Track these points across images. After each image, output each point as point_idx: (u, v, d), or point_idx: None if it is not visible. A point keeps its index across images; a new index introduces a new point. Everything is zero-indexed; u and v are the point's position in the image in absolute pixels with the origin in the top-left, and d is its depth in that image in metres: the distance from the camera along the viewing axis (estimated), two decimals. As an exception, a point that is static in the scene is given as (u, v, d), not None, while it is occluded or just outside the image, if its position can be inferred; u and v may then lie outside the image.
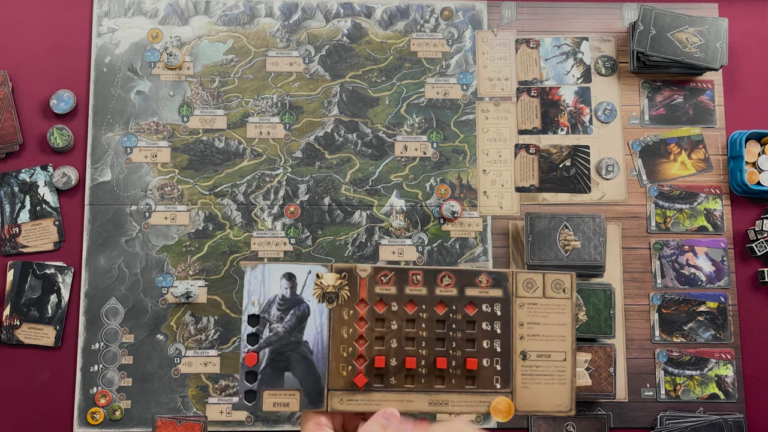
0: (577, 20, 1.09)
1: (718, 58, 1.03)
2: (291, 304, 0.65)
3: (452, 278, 0.67)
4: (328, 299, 0.65)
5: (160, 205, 1.04)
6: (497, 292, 0.67)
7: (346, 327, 0.65)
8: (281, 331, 0.65)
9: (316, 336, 0.65)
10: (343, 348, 0.65)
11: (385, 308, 0.66)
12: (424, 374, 0.66)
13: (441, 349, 0.66)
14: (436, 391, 0.66)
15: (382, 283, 0.66)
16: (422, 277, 0.66)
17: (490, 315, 0.67)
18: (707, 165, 1.07)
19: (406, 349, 0.66)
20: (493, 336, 0.66)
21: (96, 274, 1.02)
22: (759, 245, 1.03)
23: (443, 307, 0.66)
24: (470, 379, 0.66)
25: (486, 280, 0.67)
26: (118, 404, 1.00)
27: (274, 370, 0.64)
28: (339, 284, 0.66)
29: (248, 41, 1.07)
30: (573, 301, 0.67)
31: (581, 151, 1.07)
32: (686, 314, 1.03)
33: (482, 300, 0.66)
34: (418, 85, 1.07)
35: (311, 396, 0.64)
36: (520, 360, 0.67)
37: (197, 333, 1.01)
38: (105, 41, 1.06)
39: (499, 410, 0.65)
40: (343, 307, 0.65)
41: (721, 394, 1.02)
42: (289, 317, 0.65)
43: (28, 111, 1.05)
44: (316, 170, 1.05)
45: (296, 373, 0.64)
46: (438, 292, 0.66)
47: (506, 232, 1.05)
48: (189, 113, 1.06)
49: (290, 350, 0.65)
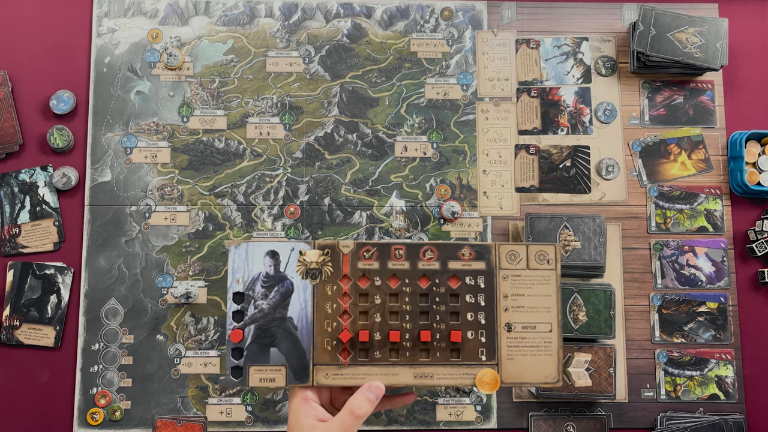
0: (577, 20, 1.09)
1: (718, 58, 1.03)
2: (275, 281, 0.66)
3: (435, 252, 0.67)
4: (312, 275, 0.66)
5: (160, 206, 1.03)
6: (480, 265, 0.67)
7: (330, 302, 0.66)
8: (266, 308, 0.66)
9: (301, 312, 0.66)
10: (328, 323, 0.66)
11: (369, 283, 0.66)
12: (409, 348, 0.66)
13: (425, 322, 0.66)
14: (421, 364, 0.66)
15: (365, 258, 0.66)
16: (405, 252, 0.67)
17: (474, 288, 0.67)
18: (707, 165, 1.07)
19: (390, 323, 0.66)
20: (477, 308, 0.67)
21: (96, 274, 1.02)
22: (759, 245, 1.03)
23: (426, 280, 0.67)
24: (455, 352, 0.66)
25: (469, 253, 0.67)
26: (118, 405, 1.00)
27: (259, 347, 0.65)
28: (322, 260, 0.66)
29: (248, 41, 1.07)
30: (557, 272, 0.67)
31: (581, 151, 1.07)
32: (686, 315, 1.03)
33: (465, 273, 0.67)
34: (418, 86, 1.07)
35: (297, 371, 0.65)
36: (505, 332, 0.67)
37: (197, 333, 1.01)
38: (105, 41, 1.06)
39: (485, 382, 0.66)
40: (327, 283, 0.66)
41: (721, 394, 1.02)
42: (273, 294, 0.66)
43: (28, 111, 1.05)
44: (316, 170, 1.05)
45: (282, 348, 0.65)
46: (421, 266, 0.67)
47: (506, 233, 1.05)
48: (189, 113, 1.06)
49: (275, 326, 0.66)
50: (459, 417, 1.00)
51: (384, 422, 1.00)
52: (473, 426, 1.01)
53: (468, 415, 1.01)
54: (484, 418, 1.01)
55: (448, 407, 1.01)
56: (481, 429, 1.01)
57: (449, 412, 1.01)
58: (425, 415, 1.00)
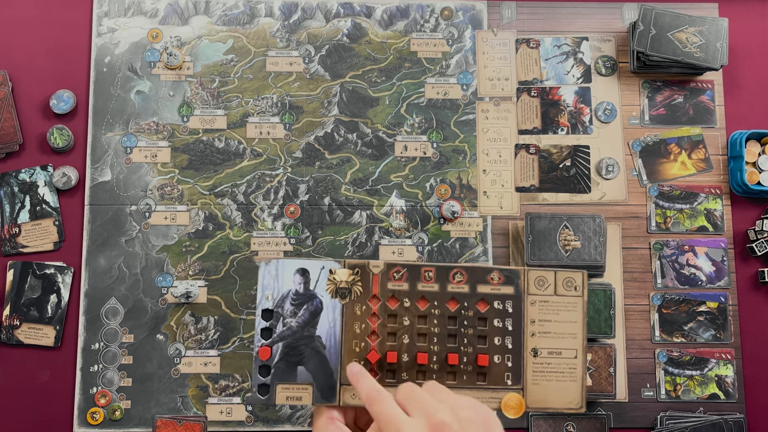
0: (577, 20, 1.09)
1: (718, 58, 1.03)
2: (304, 299, 0.66)
3: (464, 275, 0.67)
4: (341, 295, 0.66)
5: (160, 205, 1.03)
6: (509, 290, 0.67)
7: (359, 322, 0.66)
8: (294, 326, 0.65)
9: (329, 331, 0.65)
10: (356, 343, 0.65)
11: (398, 304, 0.66)
12: (436, 370, 0.66)
13: (452, 345, 0.66)
14: (448, 387, 0.66)
15: (395, 279, 0.66)
16: (434, 274, 0.66)
17: (502, 312, 0.67)
18: (707, 165, 1.07)
19: (418, 345, 0.66)
20: (504, 333, 0.67)
21: (96, 274, 1.02)
22: (759, 245, 1.03)
23: (455, 303, 0.67)
24: (481, 376, 0.66)
25: (498, 277, 0.67)
26: (118, 404, 1.00)
27: (287, 364, 0.65)
28: (352, 280, 0.66)
29: (248, 41, 1.07)
30: (584, 299, 0.68)
31: (581, 151, 1.07)
32: (686, 314, 1.03)
33: (494, 297, 0.67)
34: (418, 85, 1.07)
35: (324, 390, 0.64)
36: (531, 357, 0.67)
37: (197, 333, 1.01)
38: (105, 41, 1.06)
39: (510, 407, 0.66)
40: (356, 303, 0.66)
41: (721, 394, 1.02)
42: (302, 312, 0.65)
43: (28, 111, 1.05)
44: (316, 170, 1.05)
45: (309, 367, 0.65)
46: (450, 288, 0.67)
47: (506, 232, 1.05)
48: (189, 113, 1.06)
49: (303, 345, 0.65)
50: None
51: (384, 422, 1.00)
52: (473, 426, 1.00)
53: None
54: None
55: (448, 407, 1.01)
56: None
57: (449, 411, 1.01)
58: (425, 414, 1.00)
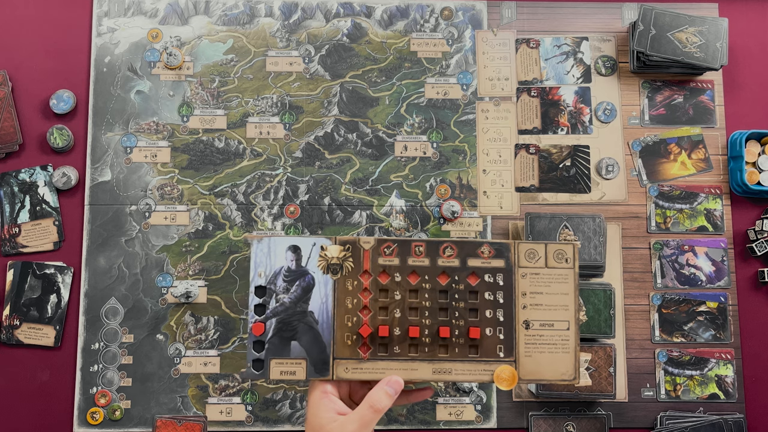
0: (577, 20, 1.09)
1: (718, 58, 1.03)
2: (296, 276, 0.67)
3: (454, 249, 0.67)
4: (333, 270, 0.67)
5: (160, 205, 1.04)
6: (499, 263, 0.68)
7: (351, 297, 0.66)
8: (287, 302, 0.66)
9: (322, 306, 0.66)
10: (348, 318, 0.66)
11: (389, 279, 0.67)
12: (428, 343, 0.67)
13: (444, 318, 0.67)
14: (440, 360, 0.67)
15: (386, 254, 0.67)
16: (425, 249, 0.67)
17: (493, 285, 0.67)
18: (707, 165, 1.07)
19: (410, 319, 0.67)
20: (495, 306, 0.67)
21: (96, 274, 1.02)
22: (759, 245, 1.03)
23: (446, 277, 0.67)
24: (473, 348, 0.67)
25: (488, 250, 0.67)
26: (118, 404, 1.00)
27: (280, 340, 0.66)
28: (343, 256, 0.67)
29: (248, 41, 1.07)
30: (575, 270, 0.68)
31: (581, 151, 1.07)
32: (686, 314, 1.03)
33: (484, 270, 0.67)
34: (418, 85, 1.07)
35: (317, 365, 0.65)
36: (523, 329, 0.67)
37: (197, 333, 1.01)
38: (105, 41, 1.06)
39: (502, 378, 0.66)
40: (348, 278, 0.67)
41: (721, 394, 1.02)
42: (294, 288, 0.66)
43: (28, 111, 1.05)
44: (316, 170, 1.05)
45: (302, 342, 0.66)
46: (440, 262, 0.67)
47: (506, 232, 1.05)
48: (189, 113, 1.06)
49: (296, 320, 0.66)
50: (459, 416, 1.00)
51: (384, 422, 1.00)
52: (473, 425, 1.01)
53: (468, 414, 1.01)
54: (484, 417, 1.01)
55: (448, 407, 1.01)
56: (481, 429, 1.01)
57: (449, 411, 1.01)
58: (425, 414, 1.00)
